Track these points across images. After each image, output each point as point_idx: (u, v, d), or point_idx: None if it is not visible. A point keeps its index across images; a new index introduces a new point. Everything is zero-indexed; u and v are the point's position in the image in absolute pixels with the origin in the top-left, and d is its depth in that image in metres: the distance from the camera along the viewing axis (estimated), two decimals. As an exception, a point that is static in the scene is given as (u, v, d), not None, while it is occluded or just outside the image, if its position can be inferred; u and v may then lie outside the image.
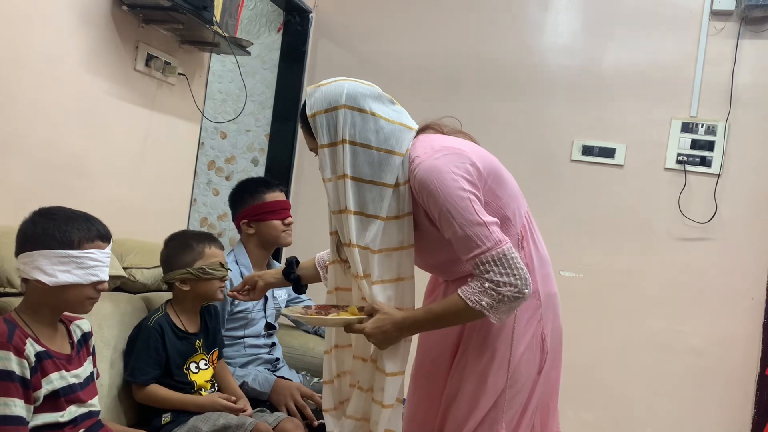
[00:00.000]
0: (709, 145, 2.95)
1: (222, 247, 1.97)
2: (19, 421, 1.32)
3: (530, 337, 1.52)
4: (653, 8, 3.04)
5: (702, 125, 2.96)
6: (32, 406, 1.35)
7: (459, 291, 1.41)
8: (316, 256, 1.81)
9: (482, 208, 1.40)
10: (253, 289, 1.87)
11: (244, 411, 1.84)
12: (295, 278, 1.82)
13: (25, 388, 1.33)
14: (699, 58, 2.97)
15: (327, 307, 1.61)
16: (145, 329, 1.84)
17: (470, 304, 1.38)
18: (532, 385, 1.53)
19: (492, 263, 1.37)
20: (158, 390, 1.82)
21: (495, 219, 1.41)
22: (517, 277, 1.36)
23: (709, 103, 2.96)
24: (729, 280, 2.92)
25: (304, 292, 1.92)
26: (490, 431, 1.50)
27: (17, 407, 1.31)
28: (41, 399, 1.36)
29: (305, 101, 1.51)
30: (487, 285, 1.37)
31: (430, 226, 1.48)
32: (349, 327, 1.49)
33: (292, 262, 1.83)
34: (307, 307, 1.70)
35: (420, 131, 1.52)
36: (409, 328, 1.46)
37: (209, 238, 1.96)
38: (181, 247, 1.91)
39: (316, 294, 2.63)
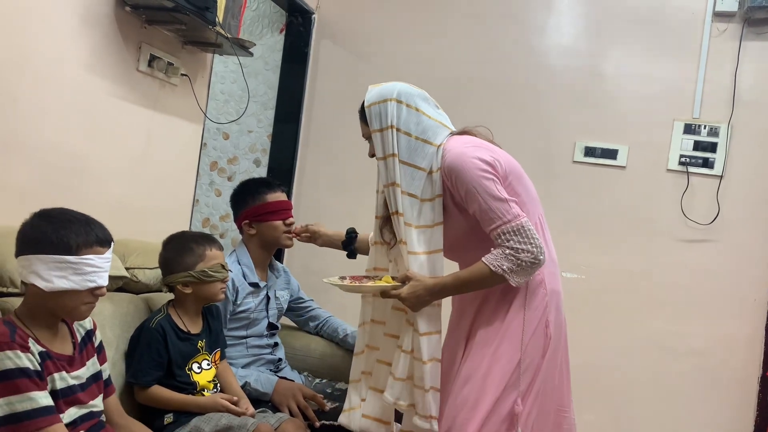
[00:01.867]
0: (712, 147, 2.95)
1: (221, 248, 1.97)
2: (48, 411, 1.32)
3: (536, 323, 1.67)
4: (656, 10, 3.04)
5: (704, 127, 2.96)
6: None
7: (483, 258, 1.62)
8: (370, 234, 2.04)
9: (503, 188, 1.63)
10: (311, 239, 2.24)
11: (246, 413, 1.84)
12: (353, 249, 2.15)
13: (41, 380, 1.34)
14: (702, 60, 2.97)
15: (360, 277, 1.83)
16: (147, 330, 1.84)
17: (493, 268, 1.60)
18: (536, 368, 1.67)
19: (511, 233, 1.59)
20: (160, 391, 1.82)
21: (514, 198, 1.63)
22: (533, 245, 1.59)
23: (711, 104, 2.96)
24: (731, 282, 2.92)
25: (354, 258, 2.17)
26: (507, 401, 1.63)
27: (42, 398, 1.32)
28: (43, 399, 1.36)
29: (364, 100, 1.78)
30: (507, 252, 1.59)
31: (453, 208, 1.71)
32: (385, 293, 1.74)
33: (353, 236, 2.13)
34: (342, 277, 1.84)
35: (456, 134, 1.76)
36: (439, 293, 1.68)
37: (209, 240, 1.96)
38: (181, 250, 1.91)
39: (318, 296, 2.63)
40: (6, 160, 1.82)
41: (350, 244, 2.16)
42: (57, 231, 1.37)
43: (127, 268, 1.97)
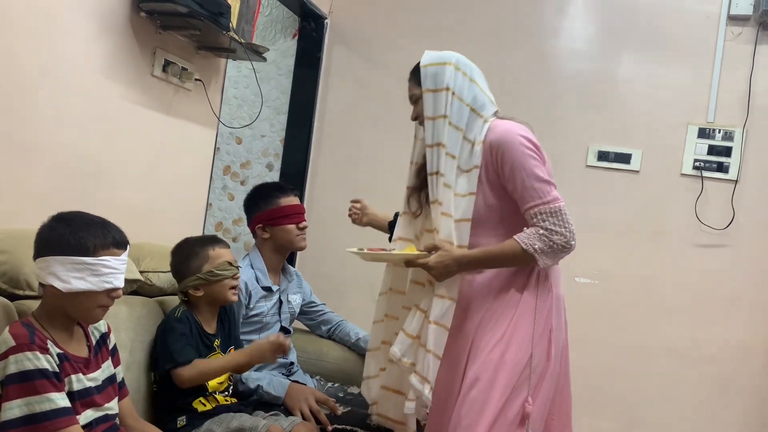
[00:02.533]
0: (727, 151, 2.93)
1: (227, 246, 1.98)
2: (66, 412, 1.33)
3: (543, 326, 1.69)
4: (670, 13, 3.02)
5: (719, 131, 2.94)
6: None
7: (515, 236, 1.64)
8: None
9: (545, 171, 1.66)
10: (359, 214, 2.35)
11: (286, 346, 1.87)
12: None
13: (60, 382, 1.35)
14: (716, 64, 2.95)
15: (378, 249, 1.84)
16: (174, 319, 1.86)
17: (524, 246, 1.62)
18: (543, 371, 1.68)
19: (548, 214, 1.62)
20: (202, 363, 1.81)
21: (553, 182, 1.66)
22: (568, 230, 1.62)
23: (726, 108, 2.94)
24: (746, 288, 2.89)
25: None
26: (516, 403, 1.63)
27: (60, 400, 1.33)
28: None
29: (420, 61, 1.80)
30: (541, 232, 1.62)
31: (485, 184, 1.71)
32: (410, 262, 1.73)
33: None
34: (361, 249, 1.83)
35: (500, 117, 1.79)
36: (466, 265, 1.69)
37: (212, 240, 1.97)
38: (187, 256, 1.92)
39: (330, 300, 2.63)
40: (24, 164, 1.84)
41: (393, 228, 2.13)
42: (75, 233, 1.39)
43: (141, 272, 1.99)
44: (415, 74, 1.80)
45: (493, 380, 1.63)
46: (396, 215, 2.10)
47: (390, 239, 2.09)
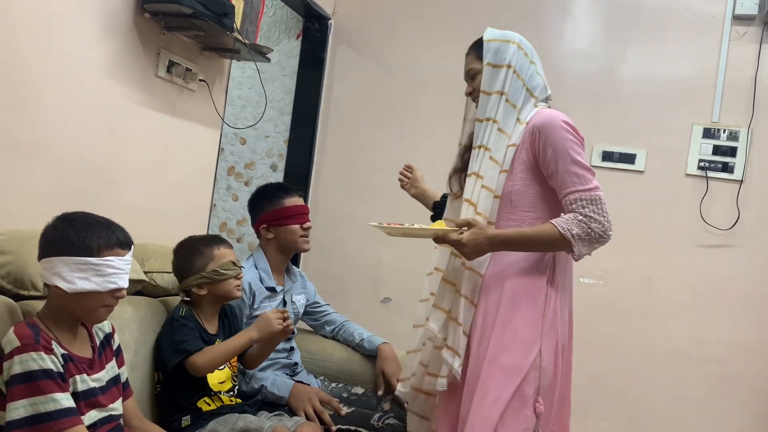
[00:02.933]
0: (731, 151, 2.92)
1: (230, 246, 1.99)
2: (71, 412, 1.34)
3: (551, 318, 1.68)
4: (674, 13, 3.02)
5: (724, 131, 2.93)
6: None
7: (552, 220, 1.63)
8: None
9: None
10: (408, 182, 2.25)
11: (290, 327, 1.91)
12: (440, 213, 2.01)
13: (64, 382, 1.35)
14: (721, 63, 2.94)
15: (397, 225, 1.81)
16: (178, 318, 1.87)
17: (562, 231, 1.61)
18: (555, 363, 1.67)
19: (588, 201, 1.62)
20: (212, 349, 1.83)
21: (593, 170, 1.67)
22: (606, 219, 1.63)
23: (731, 108, 2.93)
24: (752, 287, 2.88)
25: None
26: (527, 406, 1.62)
27: (65, 400, 1.34)
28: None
29: (482, 36, 1.80)
30: (580, 218, 1.61)
31: (517, 166, 1.70)
32: (442, 238, 1.69)
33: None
34: (383, 223, 1.79)
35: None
36: (499, 244, 1.67)
37: (217, 240, 1.97)
38: (191, 254, 1.93)
39: (334, 301, 2.63)
40: (28, 164, 1.85)
41: (438, 209, 2.11)
42: (79, 233, 1.39)
43: (145, 272, 1.99)
44: (476, 48, 1.80)
45: (502, 391, 1.61)
46: (443, 196, 2.07)
47: (432, 218, 2.10)
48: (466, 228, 1.66)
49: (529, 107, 1.74)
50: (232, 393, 1.94)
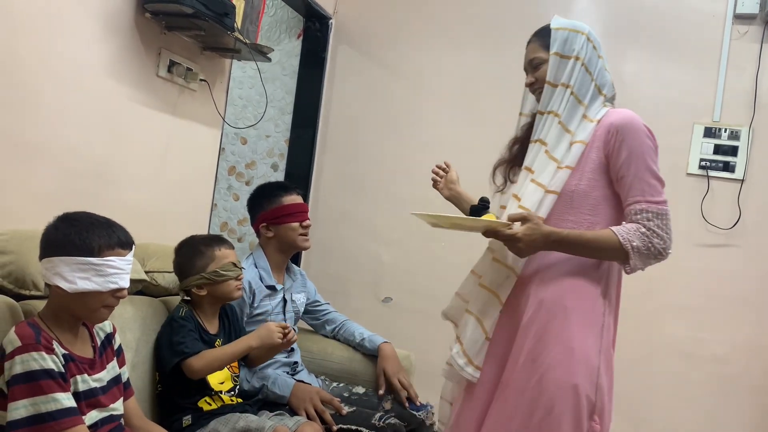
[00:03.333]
0: (733, 151, 2.92)
1: (232, 247, 1.99)
2: (72, 412, 1.34)
3: (606, 335, 1.63)
4: (675, 12, 3.01)
5: (725, 130, 2.93)
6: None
7: (613, 228, 1.56)
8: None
9: None
10: (441, 182, 2.00)
11: (292, 338, 1.91)
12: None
13: (65, 382, 1.36)
14: (722, 63, 2.94)
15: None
16: (178, 318, 1.87)
17: (622, 240, 1.53)
18: (609, 380, 1.63)
19: (654, 215, 1.55)
20: (211, 353, 1.82)
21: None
22: (669, 237, 1.56)
23: (732, 107, 2.93)
24: (753, 287, 2.88)
25: None
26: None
27: (66, 400, 1.34)
28: (65, 401, 1.38)
29: (548, 24, 1.74)
30: (643, 230, 1.54)
31: (586, 164, 1.61)
32: (493, 231, 1.58)
33: (486, 205, 1.89)
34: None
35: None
36: (553, 243, 1.57)
37: (218, 240, 1.97)
38: (192, 254, 1.93)
39: (334, 300, 2.63)
40: (29, 165, 1.85)
41: (475, 213, 1.90)
42: (80, 233, 1.39)
43: (146, 272, 1.99)
44: (542, 37, 1.72)
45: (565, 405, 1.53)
46: (481, 200, 1.92)
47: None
48: (518, 222, 1.56)
49: (598, 105, 1.67)
50: (233, 393, 1.94)
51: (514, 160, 1.76)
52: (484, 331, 1.66)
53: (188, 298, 1.93)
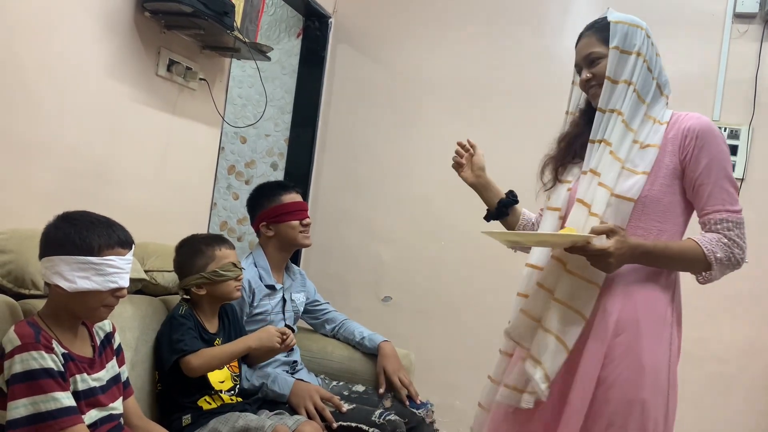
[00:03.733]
0: (732, 150, 2.92)
1: (232, 247, 1.99)
2: (71, 411, 1.34)
3: (675, 349, 1.61)
4: (675, 11, 3.01)
5: (725, 129, 2.93)
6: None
7: (695, 239, 1.50)
8: (523, 210, 1.83)
9: None
10: (463, 162, 1.80)
11: (291, 343, 1.94)
12: (503, 212, 1.79)
13: (65, 381, 1.36)
14: (721, 62, 2.93)
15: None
16: (178, 317, 1.87)
17: (706, 252, 1.48)
18: (676, 396, 1.61)
19: (734, 224, 1.51)
20: (210, 351, 1.83)
21: None
22: (745, 246, 1.52)
23: (732, 106, 2.93)
24: (753, 287, 2.88)
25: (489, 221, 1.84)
26: None
27: (65, 399, 1.34)
28: (65, 400, 1.38)
29: (603, 16, 1.66)
30: (725, 241, 1.50)
31: (659, 169, 1.53)
32: (580, 247, 1.44)
33: (514, 200, 1.80)
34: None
35: None
36: (638, 256, 1.49)
37: (219, 240, 1.98)
38: (192, 253, 1.93)
39: (334, 299, 2.63)
40: (28, 164, 1.85)
41: (504, 207, 1.79)
42: (80, 233, 1.39)
43: (146, 271, 1.99)
44: (599, 31, 1.62)
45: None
46: (509, 193, 1.80)
47: (487, 218, 1.82)
48: (604, 235, 1.44)
49: (661, 105, 1.59)
50: (232, 392, 1.95)
51: (563, 156, 1.68)
52: (567, 349, 1.51)
53: (188, 297, 1.94)
